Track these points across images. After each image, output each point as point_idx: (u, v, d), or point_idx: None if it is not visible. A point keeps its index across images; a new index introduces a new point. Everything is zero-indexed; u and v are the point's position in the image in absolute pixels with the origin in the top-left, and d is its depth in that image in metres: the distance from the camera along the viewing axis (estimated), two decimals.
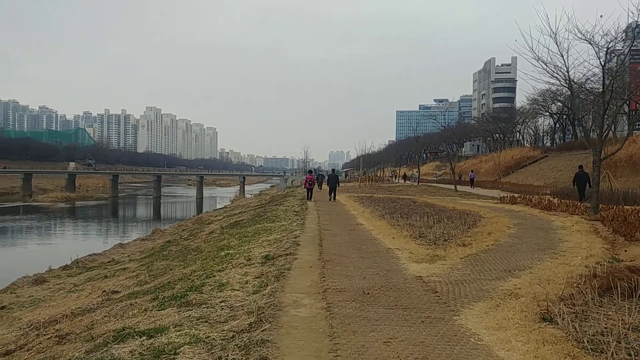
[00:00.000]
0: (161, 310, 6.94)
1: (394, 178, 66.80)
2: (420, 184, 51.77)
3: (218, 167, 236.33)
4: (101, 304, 9.16)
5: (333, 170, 33.87)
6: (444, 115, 79.13)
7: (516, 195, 28.18)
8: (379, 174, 64.22)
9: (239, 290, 7.17)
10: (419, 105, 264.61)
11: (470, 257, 9.10)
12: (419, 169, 59.09)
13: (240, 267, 9.12)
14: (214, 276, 8.68)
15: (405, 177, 66.04)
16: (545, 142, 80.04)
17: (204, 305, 6.57)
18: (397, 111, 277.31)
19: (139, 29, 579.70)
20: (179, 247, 19.27)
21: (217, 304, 6.53)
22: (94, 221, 55.28)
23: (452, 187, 45.37)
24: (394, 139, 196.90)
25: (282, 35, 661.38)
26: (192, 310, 6.51)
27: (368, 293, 6.29)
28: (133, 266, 16.33)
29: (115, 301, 9.28)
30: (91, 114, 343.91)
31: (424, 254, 9.54)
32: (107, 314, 7.78)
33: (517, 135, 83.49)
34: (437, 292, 6.42)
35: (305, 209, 21.87)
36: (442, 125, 60.18)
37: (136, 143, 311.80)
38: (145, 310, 7.18)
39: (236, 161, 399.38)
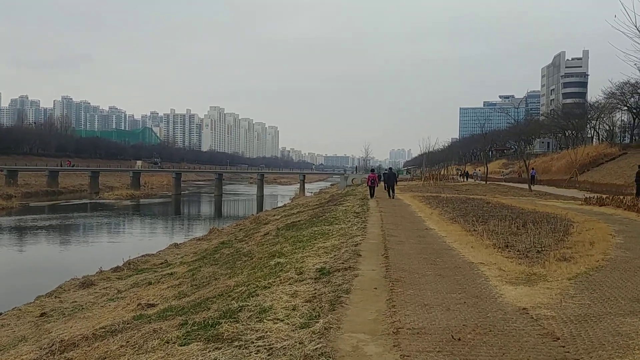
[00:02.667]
0: (184, 345, 5.42)
1: (459, 176, 63.69)
2: (488, 182, 48.85)
3: (279, 165, 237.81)
4: (128, 324, 7.80)
5: (390, 169, 36.87)
6: (517, 109, 74.99)
7: (600, 195, 25.31)
8: (443, 172, 61.33)
9: (283, 320, 5.54)
10: (484, 102, 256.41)
11: (580, 277, 7.09)
12: (486, 167, 55.99)
13: (289, 284, 7.52)
14: (257, 295, 7.13)
15: (467, 175, 62.99)
16: (623, 138, 74.75)
17: (236, 343, 4.99)
18: (460, 108, 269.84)
19: (205, 30, 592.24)
20: (231, 249, 17.99)
21: (252, 342, 4.93)
22: (156, 219, 55.59)
23: (524, 186, 42.45)
24: (457, 137, 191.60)
25: (349, 35, 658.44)
26: (220, 349, 4.95)
27: (459, 339, 4.50)
28: (181, 271, 15.13)
29: (144, 320, 7.90)
30: (158, 114, 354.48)
31: (517, 271, 7.60)
32: (125, 343, 6.36)
33: (591, 132, 78.29)
34: (557, 338, 4.53)
35: (367, 210, 20.13)
36: (514, 120, 56.64)
37: (200, 142, 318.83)
38: (167, 343, 5.70)
39: (297, 159, 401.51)
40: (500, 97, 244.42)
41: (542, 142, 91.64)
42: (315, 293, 6.63)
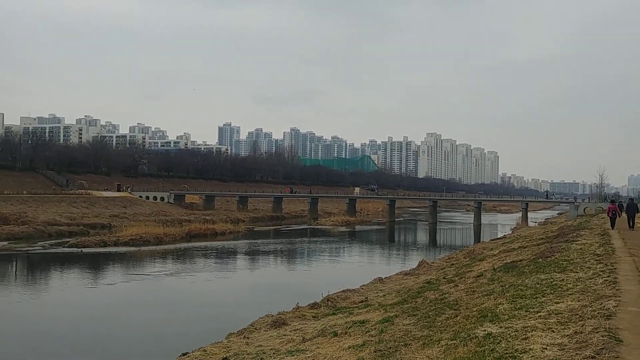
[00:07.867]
0: None
1: None
2: None
3: (498, 192, 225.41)
4: None
5: (632, 199, 36.23)
6: None
7: None
8: None
9: None
10: None
11: None
12: None
13: None
14: None
15: None
16: None
17: None
18: None
19: (423, 59, 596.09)
20: (436, 294, 15.25)
21: None
22: (368, 245, 55.26)
23: None
24: None
25: (574, 53, 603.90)
26: None
27: None
28: (374, 319, 12.90)
29: None
30: (376, 141, 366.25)
31: None
32: None
33: None
34: None
35: (612, 252, 15.70)
36: None
37: (416, 168, 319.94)
38: None
39: (519, 186, 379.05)
40: None
41: None
42: None
